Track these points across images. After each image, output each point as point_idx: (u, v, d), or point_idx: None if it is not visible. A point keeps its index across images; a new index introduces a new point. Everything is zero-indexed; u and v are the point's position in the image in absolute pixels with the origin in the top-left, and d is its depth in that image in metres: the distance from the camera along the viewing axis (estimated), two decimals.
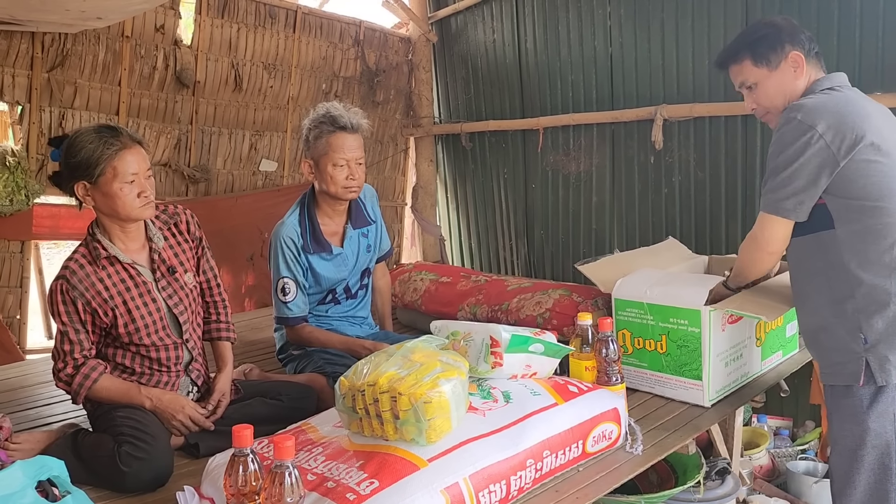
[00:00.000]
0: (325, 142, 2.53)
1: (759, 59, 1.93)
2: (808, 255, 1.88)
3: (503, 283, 3.11)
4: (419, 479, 1.47)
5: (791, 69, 1.91)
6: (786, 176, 1.80)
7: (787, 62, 1.91)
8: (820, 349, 1.89)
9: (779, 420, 3.51)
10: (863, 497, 1.78)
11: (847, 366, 1.78)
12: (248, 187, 4.66)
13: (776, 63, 1.91)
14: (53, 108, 3.80)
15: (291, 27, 4.71)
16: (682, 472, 2.23)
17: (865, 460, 1.77)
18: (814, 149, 1.75)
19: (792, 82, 1.92)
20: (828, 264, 1.82)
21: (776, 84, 1.93)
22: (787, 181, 1.80)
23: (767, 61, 1.92)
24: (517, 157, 4.85)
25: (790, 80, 1.92)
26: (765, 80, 1.93)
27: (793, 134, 1.79)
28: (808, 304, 1.92)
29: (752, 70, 1.95)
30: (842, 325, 1.80)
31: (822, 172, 1.77)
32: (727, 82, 3.55)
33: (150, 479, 1.84)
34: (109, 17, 3.54)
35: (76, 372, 2.01)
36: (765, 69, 1.93)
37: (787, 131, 1.81)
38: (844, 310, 1.79)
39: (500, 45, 4.84)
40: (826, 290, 1.84)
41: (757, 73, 1.94)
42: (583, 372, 2.03)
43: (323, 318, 2.75)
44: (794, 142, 1.78)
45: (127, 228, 2.08)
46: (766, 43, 1.92)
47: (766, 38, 1.93)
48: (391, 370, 1.58)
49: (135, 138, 2.03)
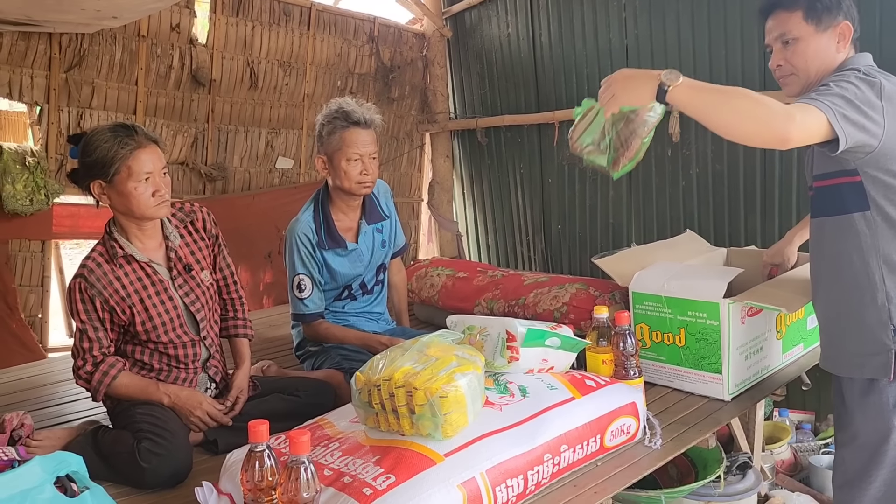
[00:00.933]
0: (338, 137, 2.53)
1: (812, 15, 1.78)
2: (837, 238, 1.77)
3: (520, 277, 3.10)
4: (436, 474, 1.46)
5: (835, 39, 1.79)
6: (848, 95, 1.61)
7: (836, 30, 1.78)
8: (841, 339, 1.80)
9: (801, 414, 3.47)
10: (877, 493, 1.72)
11: (874, 358, 1.70)
12: (264, 185, 4.68)
13: (826, 25, 1.78)
14: (71, 109, 3.84)
15: (306, 24, 4.72)
16: (703, 467, 2.21)
17: (887, 456, 1.70)
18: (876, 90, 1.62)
19: (833, 52, 1.80)
20: (857, 248, 1.72)
21: (817, 47, 1.79)
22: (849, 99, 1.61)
23: (819, 20, 1.78)
24: (533, 152, 4.83)
25: (831, 50, 1.79)
26: (808, 38, 1.79)
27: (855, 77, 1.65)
28: (832, 290, 1.82)
29: (799, 23, 1.79)
30: (870, 314, 1.71)
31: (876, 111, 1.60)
32: (745, 71, 3.58)
33: (169, 475, 1.85)
34: (125, 17, 3.57)
35: (95, 369, 2.02)
36: (812, 27, 1.78)
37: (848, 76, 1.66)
38: (874, 299, 1.70)
39: (514, 39, 4.82)
40: (852, 277, 1.74)
41: (803, 29, 1.79)
42: (600, 366, 2.01)
43: (339, 315, 2.75)
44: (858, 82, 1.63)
45: (143, 227, 2.09)
46: (826, 1, 1.78)
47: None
48: (407, 365, 1.58)
49: (150, 137, 2.04)
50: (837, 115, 1.57)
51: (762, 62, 3.50)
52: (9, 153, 3.59)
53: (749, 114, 1.57)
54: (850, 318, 1.76)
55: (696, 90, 1.62)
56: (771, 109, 1.55)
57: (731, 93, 1.61)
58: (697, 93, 1.62)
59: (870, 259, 1.71)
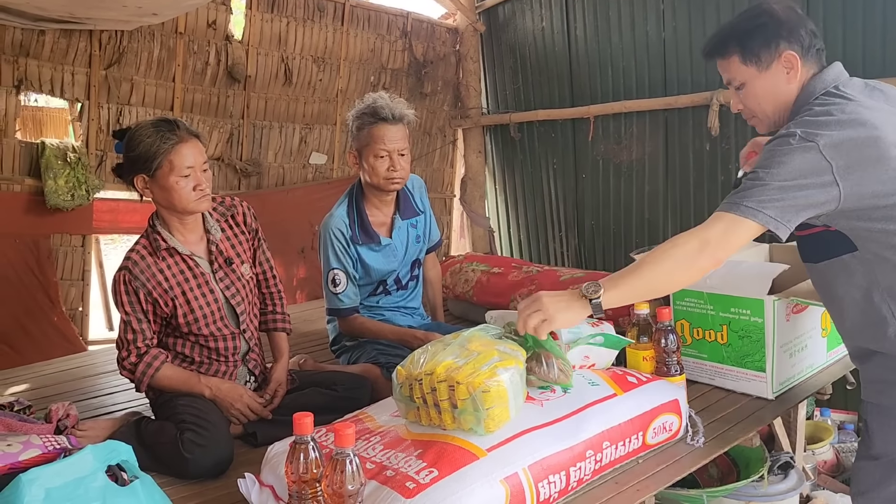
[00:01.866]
0: (367, 133, 2.53)
1: (749, 57, 1.69)
2: (835, 280, 1.68)
3: (556, 273, 3.08)
4: (478, 469, 1.45)
5: (784, 71, 1.68)
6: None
7: (780, 62, 1.68)
8: (863, 368, 1.74)
9: (843, 414, 3.40)
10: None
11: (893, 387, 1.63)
12: (298, 180, 4.71)
13: (767, 63, 1.68)
14: (111, 105, 3.89)
15: (340, 20, 4.73)
16: (745, 466, 2.18)
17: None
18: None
19: (784, 86, 1.70)
20: (858, 287, 1.63)
21: (765, 87, 1.71)
22: None
23: (757, 60, 1.69)
24: (567, 147, 4.79)
25: (781, 84, 1.70)
26: (753, 80, 1.71)
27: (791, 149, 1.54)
28: (844, 327, 1.76)
29: (739, 68, 1.72)
30: (886, 346, 1.62)
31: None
32: None
33: (211, 466, 1.87)
34: (164, 14, 3.61)
35: (139, 360, 2.05)
36: (753, 69, 1.70)
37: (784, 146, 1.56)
38: (885, 333, 1.61)
39: (548, 33, 4.78)
40: (860, 314, 1.66)
41: (745, 73, 1.71)
42: (640, 362, 1.99)
43: (374, 310, 2.75)
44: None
45: (185, 220, 2.11)
46: (759, 38, 1.68)
47: (760, 31, 1.69)
48: (448, 359, 1.57)
49: (192, 132, 2.06)
50: (768, 211, 1.52)
51: None
52: (51, 149, 3.66)
53: (672, 273, 1.61)
54: (867, 350, 1.69)
55: (620, 288, 1.62)
56: (685, 254, 1.58)
57: (646, 268, 1.62)
58: (622, 290, 1.62)
59: (873, 295, 1.62)
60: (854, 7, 3.29)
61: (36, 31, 3.56)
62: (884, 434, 1.68)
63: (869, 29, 3.27)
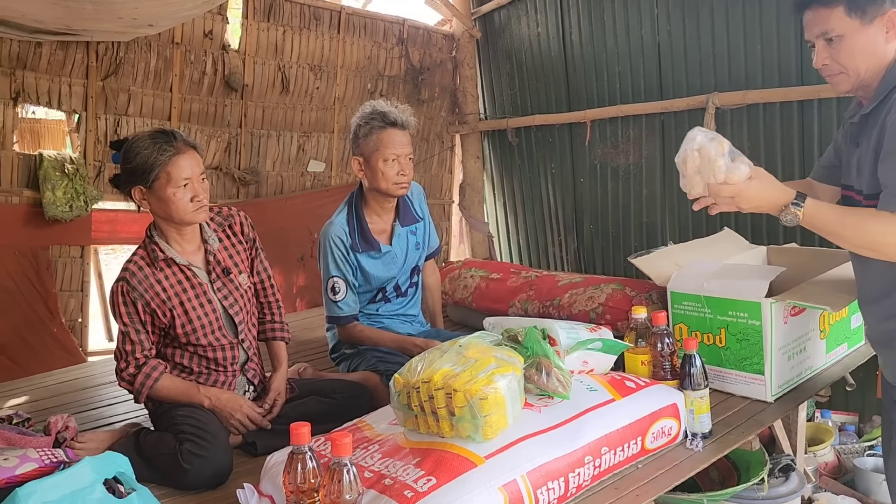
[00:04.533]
0: (375, 138, 2.54)
1: (855, 8, 1.63)
2: None
3: (554, 278, 3.08)
4: (477, 476, 1.46)
5: (884, 30, 1.64)
6: None
7: (883, 20, 1.63)
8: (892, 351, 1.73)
9: (844, 415, 3.39)
10: None
11: None
12: (297, 188, 4.71)
13: (871, 17, 1.63)
14: (108, 116, 3.90)
15: (336, 28, 4.74)
16: (745, 469, 2.17)
17: None
18: None
19: (882, 45, 1.65)
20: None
21: (864, 42, 1.65)
22: None
23: (863, 13, 1.63)
24: (564, 151, 4.80)
25: (881, 42, 1.65)
26: (853, 33, 1.65)
27: None
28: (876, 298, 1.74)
29: (841, 19, 1.64)
30: None
31: None
32: (781, 66, 3.51)
33: (210, 476, 1.87)
34: (160, 24, 3.62)
35: (138, 371, 2.05)
36: (857, 21, 1.63)
37: None
38: None
39: (544, 39, 4.79)
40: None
41: (846, 25, 1.64)
42: (638, 366, 1.99)
43: (374, 317, 2.75)
44: None
45: (182, 231, 2.11)
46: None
47: None
48: (446, 367, 1.57)
49: (189, 143, 2.06)
50: None
51: (799, 57, 3.43)
52: (48, 161, 3.66)
53: (878, 248, 1.62)
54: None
55: (817, 226, 1.65)
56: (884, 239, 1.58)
57: (855, 216, 1.64)
58: (828, 213, 1.65)
59: None
60: None
61: (33, 44, 3.57)
62: None
63: None
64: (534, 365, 1.71)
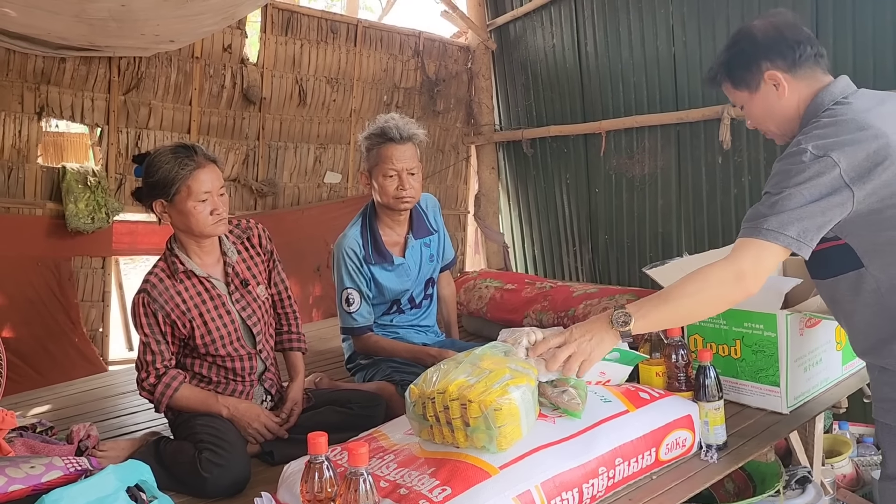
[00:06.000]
0: (375, 153, 2.57)
1: (737, 83, 1.74)
2: (844, 296, 1.68)
3: (569, 289, 3.09)
4: (491, 487, 1.47)
5: (773, 88, 1.70)
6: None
7: (766, 81, 1.70)
8: (875, 385, 1.72)
9: (862, 427, 3.36)
10: None
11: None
12: (313, 200, 4.76)
13: (755, 85, 1.72)
14: (130, 129, 3.98)
15: (353, 41, 4.80)
16: (761, 481, 2.16)
17: None
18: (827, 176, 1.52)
19: (777, 102, 1.71)
20: (868, 305, 1.63)
21: (760, 106, 1.74)
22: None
23: (746, 84, 1.73)
24: (579, 162, 4.81)
25: (774, 101, 1.71)
26: (749, 101, 1.75)
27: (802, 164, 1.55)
28: (857, 344, 1.75)
29: (734, 93, 1.78)
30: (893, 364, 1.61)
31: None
32: None
33: (229, 485, 1.89)
34: (181, 40, 3.69)
35: (158, 381, 2.09)
36: (745, 92, 1.74)
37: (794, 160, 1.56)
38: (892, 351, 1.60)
39: (559, 50, 4.82)
40: (869, 330, 1.66)
41: (740, 97, 1.77)
42: (653, 378, 1.99)
43: (388, 328, 2.77)
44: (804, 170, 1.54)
45: (202, 244, 2.15)
46: (739, 63, 1.72)
47: (738, 56, 1.73)
48: (460, 377, 1.59)
49: (209, 157, 2.10)
50: (790, 232, 1.53)
51: None
52: (71, 173, 3.74)
53: (706, 304, 1.65)
54: (875, 366, 1.69)
55: (649, 318, 1.66)
56: (720, 285, 1.59)
57: (677, 298, 1.65)
58: (651, 319, 1.67)
59: (879, 311, 1.61)
60: (863, 19, 3.30)
61: (57, 59, 3.65)
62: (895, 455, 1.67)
63: (879, 41, 3.27)
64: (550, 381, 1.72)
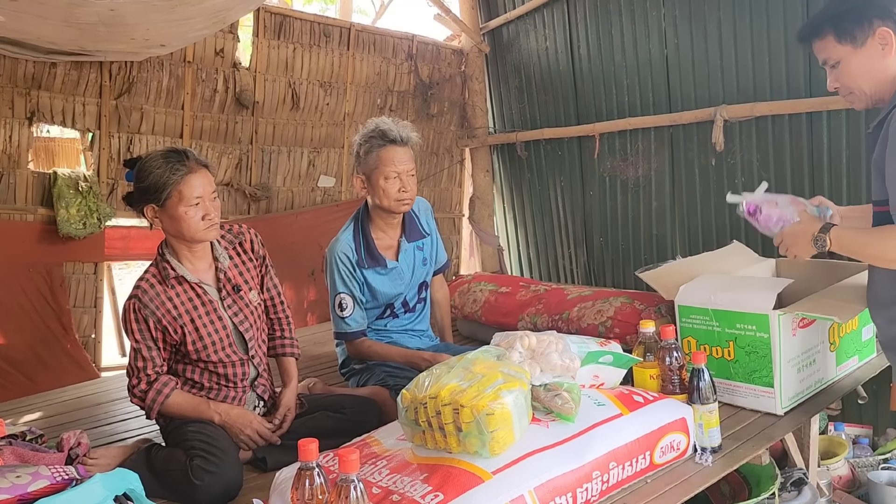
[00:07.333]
0: (375, 156, 2.56)
1: (843, 36, 1.75)
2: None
3: (563, 291, 3.08)
4: (484, 492, 1.46)
5: (879, 47, 1.73)
6: None
7: (875, 39, 1.73)
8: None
9: (857, 428, 3.36)
10: None
11: None
12: (307, 204, 4.75)
13: (862, 40, 1.74)
14: (121, 134, 3.95)
15: (345, 45, 4.78)
16: (756, 484, 2.16)
17: None
18: None
19: (880, 62, 1.74)
20: None
21: (861, 64, 1.75)
22: None
23: (852, 38, 1.74)
24: (573, 164, 4.81)
25: (877, 60, 1.74)
26: (848, 58, 1.76)
27: None
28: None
29: (834, 47, 1.78)
30: None
31: None
32: (790, 78, 3.51)
33: (220, 492, 1.88)
34: (172, 44, 3.68)
35: (149, 388, 2.07)
36: (849, 46, 1.75)
37: None
38: None
39: (552, 53, 4.82)
40: None
41: (840, 51, 1.77)
42: (647, 380, 1.99)
43: (382, 332, 2.76)
44: None
45: (194, 249, 2.14)
46: (851, 17, 1.74)
47: (851, 11, 1.75)
48: (453, 382, 1.58)
49: (201, 162, 2.09)
50: None
51: (807, 69, 3.43)
52: (63, 179, 3.71)
53: None
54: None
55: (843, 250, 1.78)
56: None
57: (877, 233, 1.74)
58: (850, 237, 1.79)
59: None
60: None
61: (48, 64, 3.63)
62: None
63: None
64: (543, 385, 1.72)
